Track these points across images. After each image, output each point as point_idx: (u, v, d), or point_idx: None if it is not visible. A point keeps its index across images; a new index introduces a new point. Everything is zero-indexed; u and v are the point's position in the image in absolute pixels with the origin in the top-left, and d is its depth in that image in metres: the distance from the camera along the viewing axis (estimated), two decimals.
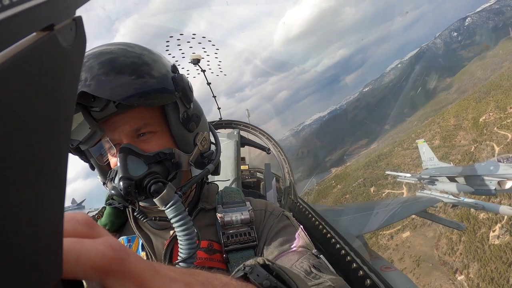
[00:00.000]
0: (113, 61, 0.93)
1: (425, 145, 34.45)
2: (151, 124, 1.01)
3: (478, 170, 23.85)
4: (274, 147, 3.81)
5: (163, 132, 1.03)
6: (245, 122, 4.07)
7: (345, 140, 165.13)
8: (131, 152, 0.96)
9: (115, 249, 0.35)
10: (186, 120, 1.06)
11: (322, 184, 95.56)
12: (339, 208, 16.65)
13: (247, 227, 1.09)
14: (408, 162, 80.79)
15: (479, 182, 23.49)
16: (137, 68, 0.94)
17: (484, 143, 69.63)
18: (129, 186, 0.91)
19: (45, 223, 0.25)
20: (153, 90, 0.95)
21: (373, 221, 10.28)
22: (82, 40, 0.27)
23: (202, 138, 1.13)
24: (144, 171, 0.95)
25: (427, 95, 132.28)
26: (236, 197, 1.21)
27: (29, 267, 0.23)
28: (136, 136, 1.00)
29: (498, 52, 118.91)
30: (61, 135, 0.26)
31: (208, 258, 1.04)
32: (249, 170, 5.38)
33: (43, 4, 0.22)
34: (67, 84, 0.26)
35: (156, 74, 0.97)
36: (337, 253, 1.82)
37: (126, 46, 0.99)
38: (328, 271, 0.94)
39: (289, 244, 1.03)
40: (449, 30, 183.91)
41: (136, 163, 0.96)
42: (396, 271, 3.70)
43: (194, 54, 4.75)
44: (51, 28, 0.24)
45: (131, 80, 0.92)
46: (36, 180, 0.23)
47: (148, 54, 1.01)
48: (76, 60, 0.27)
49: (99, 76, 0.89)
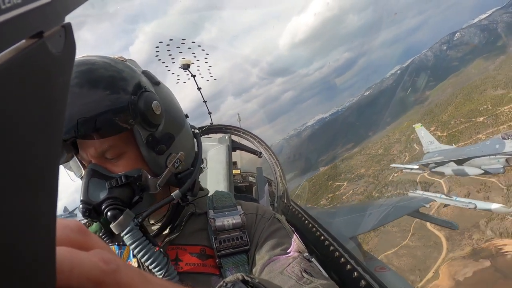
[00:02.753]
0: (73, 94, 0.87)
1: (423, 129, 34.41)
2: (116, 145, 0.95)
3: (484, 150, 24.05)
4: (265, 151, 3.81)
5: (131, 153, 0.98)
6: (236, 127, 4.07)
7: (337, 142, 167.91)
8: (95, 174, 0.94)
9: (107, 261, 0.35)
10: (152, 143, 0.98)
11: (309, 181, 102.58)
12: (332, 210, 16.72)
13: (239, 231, 1.07)
14: (358, 165, 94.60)
15: (486, 161, 23.66)
16: (91, 98, 0.87)
17: (404, 153, 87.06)
18: (87, 211, 0.90)
19: (37, 231, 0.25)
20: (103, 124, 0.87)
21: (366, 222, 10.33)
22: (72, 46, 0.27)
23: (175, 159, 1.05)
24: (104, 196, 0.91)
25: (404, 106, 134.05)
26: (227, 201, 1.19)
27: (23, 278, 0.23)
28: (104, 156, 0.96)
29: (470, 70, 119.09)
30: (52, 142, 0.26)
31: (201, 263, 1.03)
32: (241, 175, 5.37)
33: (32, 11, 0.22)
34: (57, 91, 0.26)
35: (108, 103, 0.88)
36: (331, 255, 1.82)
37: (87, 65, 0.91)
38: (320, 275, 0.93)
39: (280, 248, 1.02)
40: (439, 43, 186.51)
41: (98, 186, 0.93)
42: (391, 271, 3.71)
43: (184, 59, 4.74)
44: (40, 35, 0.24)
45: (89, 123, 0.85)
46: (28, 188, 0.23)
47: (104, 76, 0.91)
48: (66, 67, 0.27)
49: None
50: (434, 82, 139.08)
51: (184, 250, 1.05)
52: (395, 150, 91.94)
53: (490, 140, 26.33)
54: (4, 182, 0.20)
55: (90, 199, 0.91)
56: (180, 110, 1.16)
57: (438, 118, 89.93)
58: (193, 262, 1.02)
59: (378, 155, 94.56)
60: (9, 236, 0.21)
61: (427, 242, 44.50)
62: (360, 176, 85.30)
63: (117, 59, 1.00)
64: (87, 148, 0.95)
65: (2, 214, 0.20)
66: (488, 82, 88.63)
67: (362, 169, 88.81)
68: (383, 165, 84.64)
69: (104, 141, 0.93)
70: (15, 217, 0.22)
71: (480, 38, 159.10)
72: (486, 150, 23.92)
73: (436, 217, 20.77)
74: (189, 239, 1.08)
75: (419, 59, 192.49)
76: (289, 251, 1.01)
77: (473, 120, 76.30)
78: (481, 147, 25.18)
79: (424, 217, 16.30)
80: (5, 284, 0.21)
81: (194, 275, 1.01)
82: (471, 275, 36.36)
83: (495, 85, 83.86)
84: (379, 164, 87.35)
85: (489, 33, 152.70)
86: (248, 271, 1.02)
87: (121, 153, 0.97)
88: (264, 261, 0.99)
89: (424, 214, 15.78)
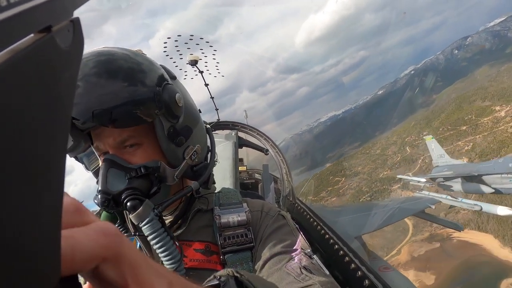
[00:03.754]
0: (96, 83, 0.88)
1: (433, 142, 33.37)
2: (135, 136, 0.96)
3: (496, 168, 23.08)
4: (272, 148, 3.81)
5: (149, 144, 0.99)
6: (243, 123, 4.07)
7: (345, 140, 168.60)
8: (114, 165, 0.94)
9: (108, 234, 0.34)
10: (173, 135, 1.00)
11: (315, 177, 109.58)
12: (337, 209, 16.64)
13: (244, 229, 1.08)
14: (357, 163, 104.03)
15: (498, 180, 22.77)
16: (120, 94, 0.88)
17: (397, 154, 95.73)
18: (106, 201, 0.90)
19: (43, 226, 0.25)
20: (133, 113, 0.89)
21: (371, 221, 10.28)
22: (80, 41, 0.27)
23: (192, 152, 1.07)
24: (123, 186, 0.92)
25: (411, 108, 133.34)
26: (233, 198, 1.20)
27: (29, 272, 0.23)
28: (122, 147, 0.96)
29: (476, 77, 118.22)
30: (59, 137, 0.26)
31: (205, 259, 1.04)
32: (247, 171, 5.37)
33: (40, 6, 0.22)
34: (65, 86, 0.26)
35: (134, 93, 0.91)
36: (336, 253, 1.82)
37: (108, 56, 0.93)
38: (319, 272, 0.93)
39: (282, 244, 1.02)
40: (451, 47, 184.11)
41: (117, 177, 0.93)
42: (395, 271, 3.70)
43: (191, 55, 4.74)
44: (48, 30, 0.24)
45: (113, 112, 0.87)
46: (34, 182, 0.23)
47: (129, 68, 0.93)
48: (74, 61, 0.27)
49: (82, 102, 0.86)
50: (442, 86, 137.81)
51: (189, 246, 1.06)
52: (390, 151, 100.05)
53: (503, 158, 25.16)
54: (10, 177, 0.20)
55: (110, 189, 0.91)
56: (195, 104, 1.18)
57: (431, 124, 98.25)
58: (197, 258, 1.03)
59: (375, 154, 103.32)
60: (13, 230, 0.21)
61: (397, 227, 54.38)
62: (356, 173, 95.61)
63: (137, 51, 1.02)
64: (105, 138, 0.95)
65: (8, 209, 0.20)
66: (479, 93, 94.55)
67: (360, 167, 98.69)
68: (378, 164, 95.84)
69: (123, 131, 0.94)
70: (19, 212, 0.22)
71: (491, 44, 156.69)
72: (498, 168, 22.85)
73: (441, 218, 20.52)
74: (195, 235, 1.09)
75: (430, 62, 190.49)
76: (291, 248, 1.01)
77: (457, 128, 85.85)
78: (493, 165, 24.05)
79: (429, 218, 16.14)
80: (9, 277, 0.21)
81: (198, 271, 1.01)
82: (423, 253, 50.99)
83: (483, 97, 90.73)
84: (374, 163, 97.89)
85: (500, 39, 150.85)
86: (252, 268, 1.03)
87: (139, 143, 0.97)
88: (266, 257, 1.00)
89: (429, 215, 15.63)
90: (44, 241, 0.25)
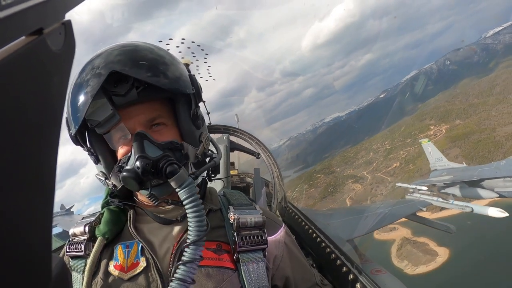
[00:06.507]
0: (139, 51, 1.02)
1: (430, 145, 33.14)
2: (163, 116, 1.07)
3: (499, 171, 22.60)
4: (263, 152, 3.81)
5: (172, 126, 1.09)
6: (235, 127, 4.07)
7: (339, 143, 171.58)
8: (146, 138, 1.00)
9: None
10: (195, 117, 1.12)
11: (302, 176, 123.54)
12: (329, 212, 16.68)
13: (259, 230, 1.13)
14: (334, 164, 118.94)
15: (501, 184, 22.58)
16: (164, 61, 1.04)
17: (364, 157, 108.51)
18: (147, 164, 0.93)
19: (34, 229, 0.24)
20: (177, 78, 1.04)
21: (363, 225, 10.32)
22: (72, 44, 0.27)
23: (205, 137, 1.17)
24: (160, 154, 0.98)
25: (396, 116, 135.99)
26: (241, 199, 1.25)
27: (21, 276, 0.23)
28: (149, 126, 1.05)
29: (455, 91, 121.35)
30: (50, 139, 0.26)
31: (217, 258, 1.07)
32: (239, 175, 5.36)
33: (31, 8, 0.22)
34: (56, 88, 0.26)
35: (179, 68, 1.08)
36: (327, 256, 1.82)
37: (150, 45, 1.09)
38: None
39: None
40: (444, 58, 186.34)
41: (152, 147, 0.99)
42: (387, 274, 3.70)
43: (183, 59, 4.74)
44: (40, 32, 0.24)
45: (160, 68, 1.01)
46: (25, 185, 0.23)
47: (170, 54, 1.11)
48: (65, 64, 0.27)
49: (128, 63, 0.97)
50: (429, 95, 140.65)
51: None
52: (360, 155, 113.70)
53: (505, 160, 24.76)
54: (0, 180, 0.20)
55: (149, 154, 0.96)
56: None
57: (394, 134, 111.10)
58: (209, 256, 1.06)
59: (350, 157, 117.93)
60: (4, 235, 0.21)
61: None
62: (332, 172, 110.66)
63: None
64: (136, 116, 1.03)
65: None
66: (434, 111, 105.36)
67: (337, 168, 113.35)
68: (348, 164, 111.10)
69: (155, 110, 1.05)
70: (10, 215, 0.21)
71: (479, 57, 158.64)
72: (501, 172, 22.43)
73: (433, 220, 20.70)
74: (207, 235, 1.09)
75: (424, 71, 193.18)
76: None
77: (404, 140, 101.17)
78: (495, 168, 23.56)
79: (421, 220, 16.26)
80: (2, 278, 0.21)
81: (210, 268, 1.04)
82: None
83: (431, 116, 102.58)
84: (345, 164, 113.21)
85: (487, 53, 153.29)
86: (263, 268, 1.09)
87: (165, 123, 1.08)
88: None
89: (421, 217, 15.76)
90: (34, 242, 0.25)
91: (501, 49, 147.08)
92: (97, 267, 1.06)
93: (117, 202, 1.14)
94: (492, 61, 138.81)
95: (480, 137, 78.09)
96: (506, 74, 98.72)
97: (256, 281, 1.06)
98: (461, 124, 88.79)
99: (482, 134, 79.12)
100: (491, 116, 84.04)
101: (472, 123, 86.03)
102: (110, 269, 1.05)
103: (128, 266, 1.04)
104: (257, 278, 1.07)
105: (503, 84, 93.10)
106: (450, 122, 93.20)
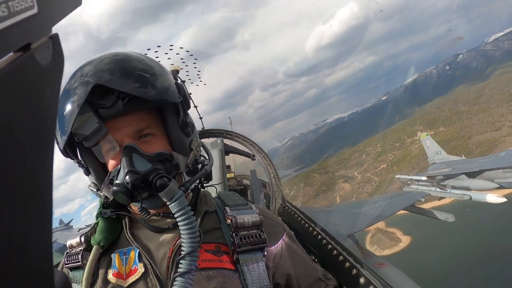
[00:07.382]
0: (129, 61, 1.02)
1: (429, 139, 33.45)
2: (151, 126, 1.06)
3: (498, 162, 22.68)
4: (258, 153, 3.80)
5: (161, 136, 1.08)
6: (228, 130, 4.06)
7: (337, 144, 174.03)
8: (135, 151, 0.99)
9: None
10: (184, 125, 1.11)
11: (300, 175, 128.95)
12: (328, 209, 16.71)
13: (257, 229, 1.13)
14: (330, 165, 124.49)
15: (501, 175, 22.57)
16: (154, 72, 1.03)
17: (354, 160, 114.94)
18: (137, 179, 0.93)
19: (33, 247, 0.24)
20: (166, 88, 1.03)
21: (362, 219, 10.36)
22: (60, 57, 0.27)
23: (196, 144, 1.16)
24: (149, 167, 0.97)
25: (392, 120, 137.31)
26: (237, 199, 1.25)
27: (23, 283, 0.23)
28: (138, 137, 1.04)
29: (451, 96, 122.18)
30: (44, 154, 0.25)
31: (216, 259, 1.07)
32: (235, 178, 5.35)
33: (17, 24, 0.22)
34: (47, 102, 0.25)
35: (167, 79, 1.06)
36: (329, 253, 1.81)
37: (141, 55, 1.09)
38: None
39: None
40: (444, 63, 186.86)
41: (140, 161, 0.98)
42: (390, 266, 3.70)
43: (172, 65, 4.71)
44: (27, 48, 0.24)
45: (149, 79, 1.00)
46: (21, 203, 0.22)
47: (160, 65, 1.10)
48: (55, 77, 0.27)
49: (116, 73, 0.96)
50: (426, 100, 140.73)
51: (200, 248, 1.06)
52: (353, 157, 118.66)
53: (505, 151, 24.95)
54: None
55: (138, 169, 0.95)
56: None
57: (386, 138, 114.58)
58: (209, 258, 1.06)
59: (345, 158, 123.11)
60: (5, 253, 0.21)
61: None
62: (327, 171, 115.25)
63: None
64: (124, 127, 1.02)
65: None
66: (424, 117, 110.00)
67: (332, 168, 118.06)
68: (341, 165, 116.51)
69: (143, 121, 1.04)
70: (9, 234, 0.21)
71: (478, 63, 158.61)
72: (501, 163, 22.58)
73: (432, 210, 20.82)
74: (205, 237, 1.09)
75: (425, 75, 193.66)
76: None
77: (393, 144, 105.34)
78: (494, 159, 23.77)
79: (420, 211, 16.37)
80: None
81: (211, 270, 1.04)
82: None
83: (421, 122, 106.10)
84: (339, 165, 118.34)
85: (486, 59, 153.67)
86: (263, 267, 1.09)
87: (154, 134, 1.06)
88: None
89: (419, 208, 15.88)
90: (37, 261, 0.24)
91: (499, 56, 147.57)
92: (96, 276, 1.06)
93: (110, 213, 1.14)
94: (489, 67, 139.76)
95: (456, 144, 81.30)
96: (493, 84, 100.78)
97: (257, 281, 1.07)
98: (444, 131, 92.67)
99: (459, 141, 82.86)
100: (471, 124, 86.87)
101: (454, 130, 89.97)
102: (109, 277, 1.05)
103: (127, 273, 1.04)
104: (258, 278, 1.07)
105: (490, 93, 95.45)
106: (435, 128, 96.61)
